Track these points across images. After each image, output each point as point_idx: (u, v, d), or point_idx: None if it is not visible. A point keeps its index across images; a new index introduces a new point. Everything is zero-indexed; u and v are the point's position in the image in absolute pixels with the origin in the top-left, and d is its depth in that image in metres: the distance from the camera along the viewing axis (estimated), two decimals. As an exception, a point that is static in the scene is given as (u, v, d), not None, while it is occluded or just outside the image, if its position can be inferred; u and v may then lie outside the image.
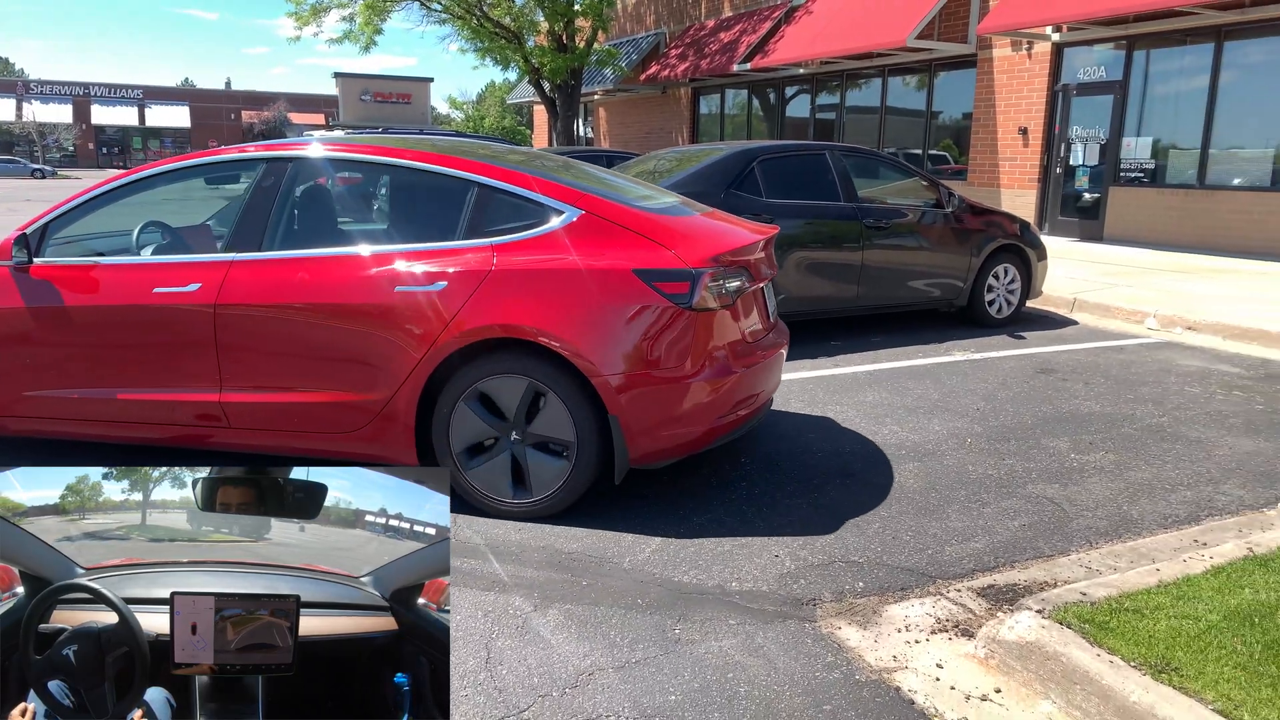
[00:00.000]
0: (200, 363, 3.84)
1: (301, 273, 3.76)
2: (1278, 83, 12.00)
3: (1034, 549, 3.54)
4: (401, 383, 3.65)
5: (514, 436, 3.66)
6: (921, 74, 17.38)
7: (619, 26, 26.70)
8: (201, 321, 3.79)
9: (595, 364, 3.51)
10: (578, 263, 3.59)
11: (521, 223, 3.73)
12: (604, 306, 3.56)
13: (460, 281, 3.59)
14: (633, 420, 3.56)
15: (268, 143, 4.28)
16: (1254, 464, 4.49)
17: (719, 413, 3.73)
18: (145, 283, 3.89)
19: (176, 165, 4.18)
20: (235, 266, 3.82)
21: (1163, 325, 8.04)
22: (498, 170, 3.87)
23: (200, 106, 68.19)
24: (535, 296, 3.55)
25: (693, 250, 3.68)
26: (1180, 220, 13.01)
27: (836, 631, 2.94)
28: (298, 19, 21.69)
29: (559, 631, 2.90)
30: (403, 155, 3.98)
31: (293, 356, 3.79)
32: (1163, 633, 2.68)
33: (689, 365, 3.62)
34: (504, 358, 3.61)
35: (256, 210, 3.92)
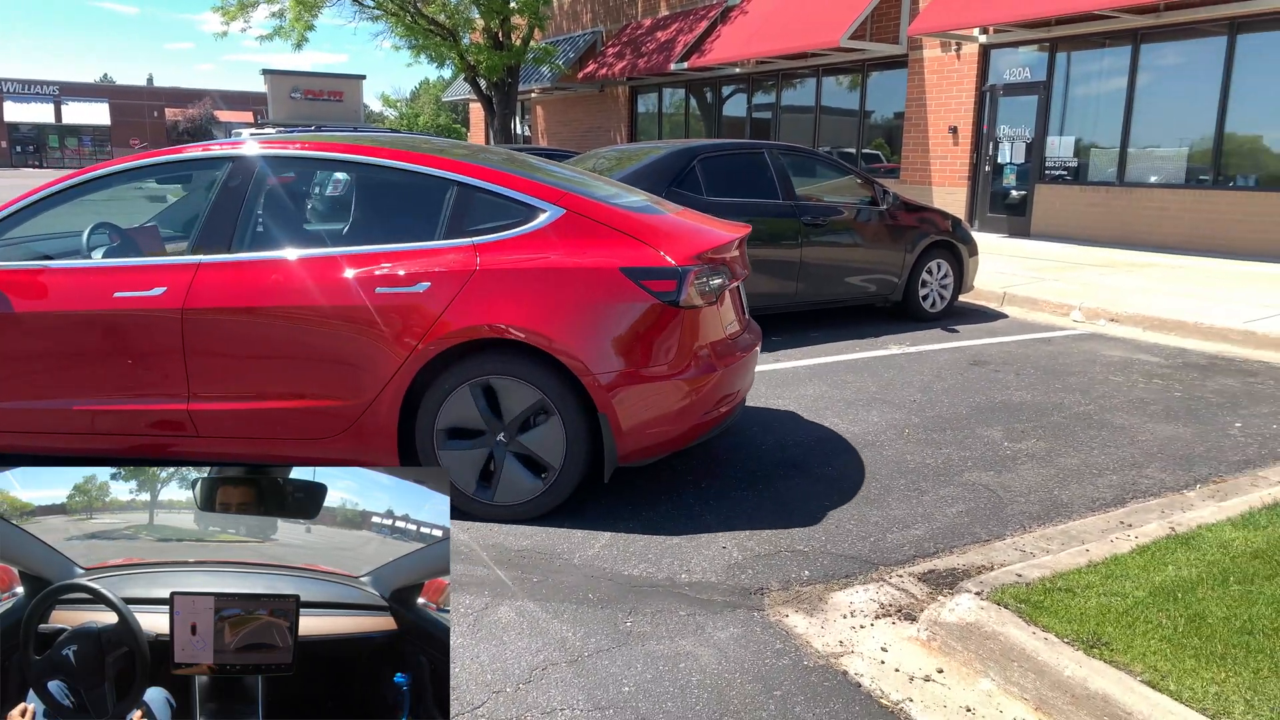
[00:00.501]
0: (166, 370, 3.70)
1: (275, 275, 3.64)
2: (1190, 84, 12.54)
3: (971, 534, 3.65)
4: (384, 386, 3.58)
5: (500, 438, 3.63)
6: (855, 74, 17.71)
7: (555, 24, 26.62)
8: (167, 327, 3.65)
9: (585, 363, 3.51)
10: (564, 261, 3.58)
11: (503, 222, 3.69)
12: (592, 305, 3.55)
13: (444, 282, 3.54)
14: (621, 419, 3.56)
15: (234, 140, 4.11)
16: (1174, 448, 4.70)
17: (703, 410, 3.76)
18: (104, 287, 3.71)
19: (134, 164, 4.01)
20: (203, 269, 3.68)
21: (1087, 317, 8.34)
22: (477, 169, 3.82)
23: (121, 103, 65.90)
24: (522, 296, 3.53)
25: (677, 248, 3.69)
26: (1102, 216, 13.51)
27: (784, 619, 3.00)
28: (224, 14, 21.11)
29: (511, 628, 2.90)
30: (378, 154, 3.89)
31: (267, 362, 3.68)
32: (1093, 610, 2.80)
33: (676, 363, 3.64)
34: (489, 359, 3.57)
35: (224, 210, 3.78)
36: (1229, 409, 5.44)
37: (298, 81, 49.26)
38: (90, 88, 68.51)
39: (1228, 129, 12.16)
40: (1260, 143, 12.04)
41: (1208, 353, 7.05)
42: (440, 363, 3.57)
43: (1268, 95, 11.76)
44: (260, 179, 3.84)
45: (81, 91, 66.33)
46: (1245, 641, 2.61)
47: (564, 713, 2.48)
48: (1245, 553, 3.18)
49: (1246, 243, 11.80)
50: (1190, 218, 12.46)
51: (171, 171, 4.25)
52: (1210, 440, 4.83)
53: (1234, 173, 12.23)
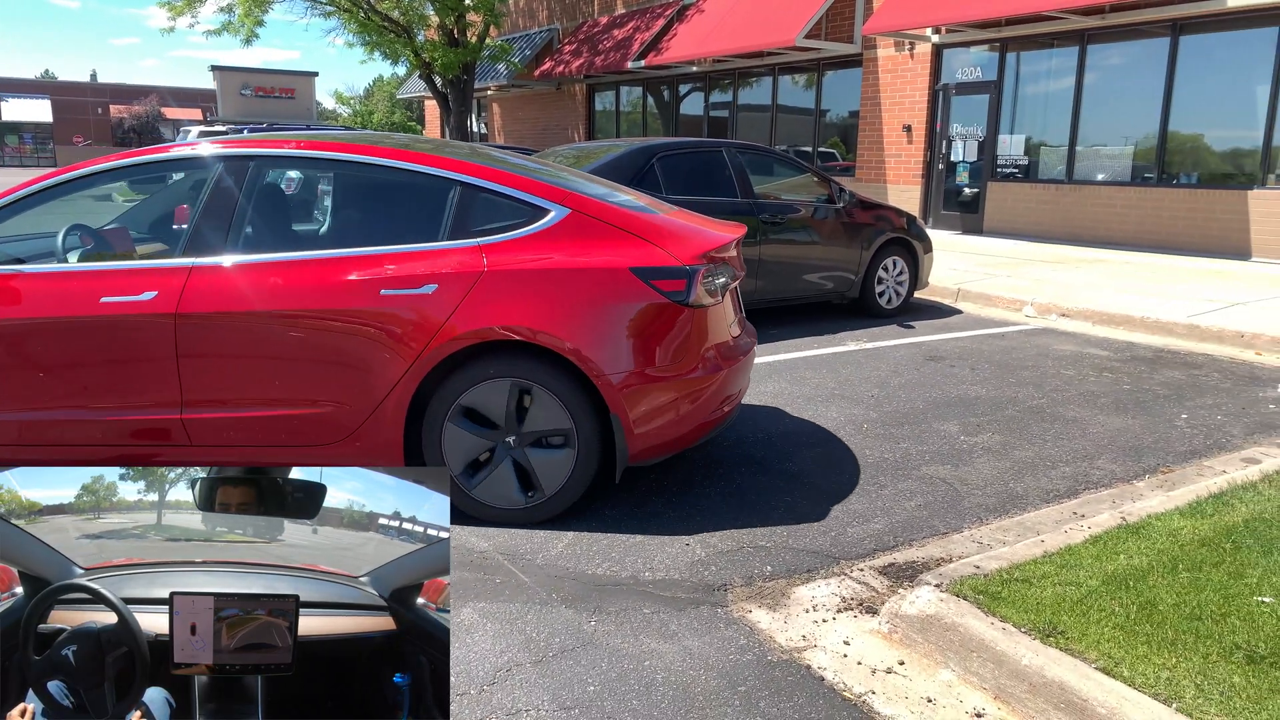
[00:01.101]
0: (157, 378, 3.54)
1: (274, 278, 3.53)
2: (1135, 85, 12.85)
3: (930, 527, 3.71)
4: (389, 390, 3.50)
5: (511, 441, 3.59)
6: (810, 73, 17.86)
7: (511, 22, 26.47)
8: (159, 333, 3.50)
9: (597, 363, 3.48)
10: (573, 262, 3.55)
11: (508, 222, 3.65)
12: (603, 305, 3.53)
13: (452, 283, 3.48)
14: (633, 418, 3.55)
15: (226, 139, 3.96)
16: (1123, 440, 4.82)
17: (710, 409, 3.77)
18: (89, 292, 3.54)
19: (119, 163, 3.85)
20: (196, 272, 3.53)
21: (1039, 313, 8.51)
22: (481, 169, 3.76)
23: (63, 100, 64.15)
24: (532, 297, 3.49)
25: (683, 247, 3.69)
26: (1052, 213, 13.79)
27: (747, 615, 3.02)
28: (171, 9, 20.67)
29: (474, 630, 2.88)
30: (378, 153, 3.79)
31: (265, 367, 3.55)
32: (1049, 600, 2.85)
33: (686, 362, 3.65)
34: (498, 361, 3.52)
35: (216, 212, 3.64)
36: (1175, 401, 5.58)
37: (248, 78, 48.39)
38: (31, 84, 66.63)
39: (1171, 128, 12.48)
40: (1201, 141, 12.38)
41: (1154, 346, 7.24)
42: (449, 366, 3.52)
43: (1209, 95, 12.10)
44: (255, 179, 3.72)
45: (22, 88, 64.46)
46: (1194, 627, 2.68)
47: (529, 714, 2.46)
48: (1193, 541, 3.26)
49: (1189, 239, 12.13)
50: (1136, 215, 12.77)
51: (158, 171, 4.04)
52: (1158, 431, 4.96)
53: (1177, 171, 12.56)
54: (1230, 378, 6.19)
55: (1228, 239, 11.78)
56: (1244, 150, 11.86)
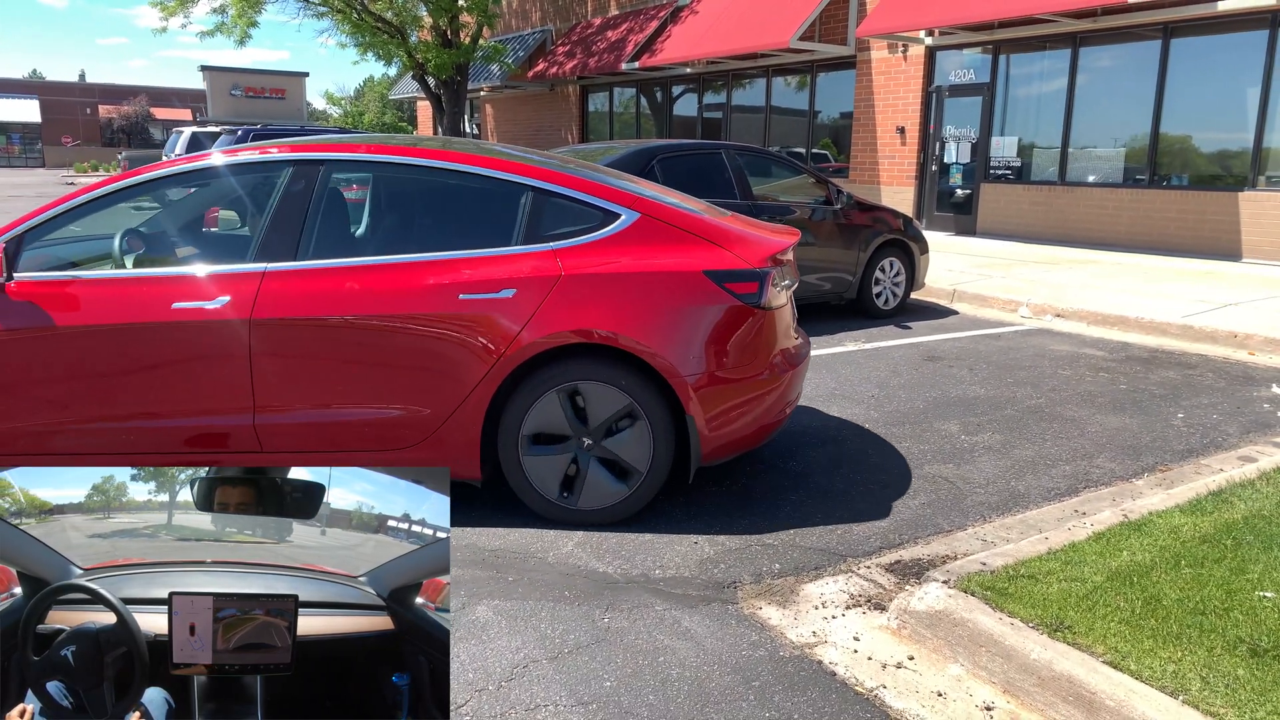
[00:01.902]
0: (229, 384, 3.52)
1: (350, 283, 3.52)
2: (1126, 87, 12.95)
3: (934, 525, 3.75)
4: (468, 393, 3.52)
5: (585, 443, 3.62)
6: (804, 74, 17.93)
7: (504, 23, 26.47)
8: (233, 339, 3.48)
9: (673, 365, 3.53)
10: (649, 265, 3.60)
11: (580, 227, 3.68)
12: (678, 308, 3.58)
13: (530, 287, 3.51)
14: (707, 419, 3.60)
15: (293, 142, 3.90)
16: (1122, 439, 4.88)
17: (777, 410, 3.84)
18: (160, 298, 3.50)
19: (185, 168, 3.79)
20: (269, 278, 3.52)
21: (1035, 313, 8.58)
22: (552, 173, 3.78)
23: (52, 100, 63.79)
24: (609, 301, 3.53)
25: (750, 251, 3.75)
26: (1045, 215, 13.88)
27: (758, 612, 3.06)
28: (163, 9, 20.58)
29: (490, 627, 2.91)
30: (451, 158, 3.80)
31: (340, 373, 3.54)
32: (1055, 595, 2.90)
33: (757, 363, 3.71)
34: (574, 364, 3.56)
35: (287, 216, 3.62)
36: (1171, 400, 5.65)
37: (238, 78, 48.23)
38: (19, 84, 66.24)
39: (1162, 130, 12.59)
40: (1192, 143, 12.49)
41: (1149, 346, 7.31)
42: (525, 369, 3.54)
43: (1200, 97, 12.20)
44: (325, 183, 3.70)
45: (9, 88, 64.07)
46: (1199, 622, 2.73)
47: (547, 709, 2.50)
48: (1194, 537, 3.32)
49: (1181, 240, 12.23)
50: (1128, 216, 12.87)
51: (229, 176, 3.95)
52: (1155, 430, 5.02)
53: (1168, 172, 12.66)
54: (1225, 378, 6.27)
55: (1219, 240, 11.89)
56: (1234, 152, 11.97)
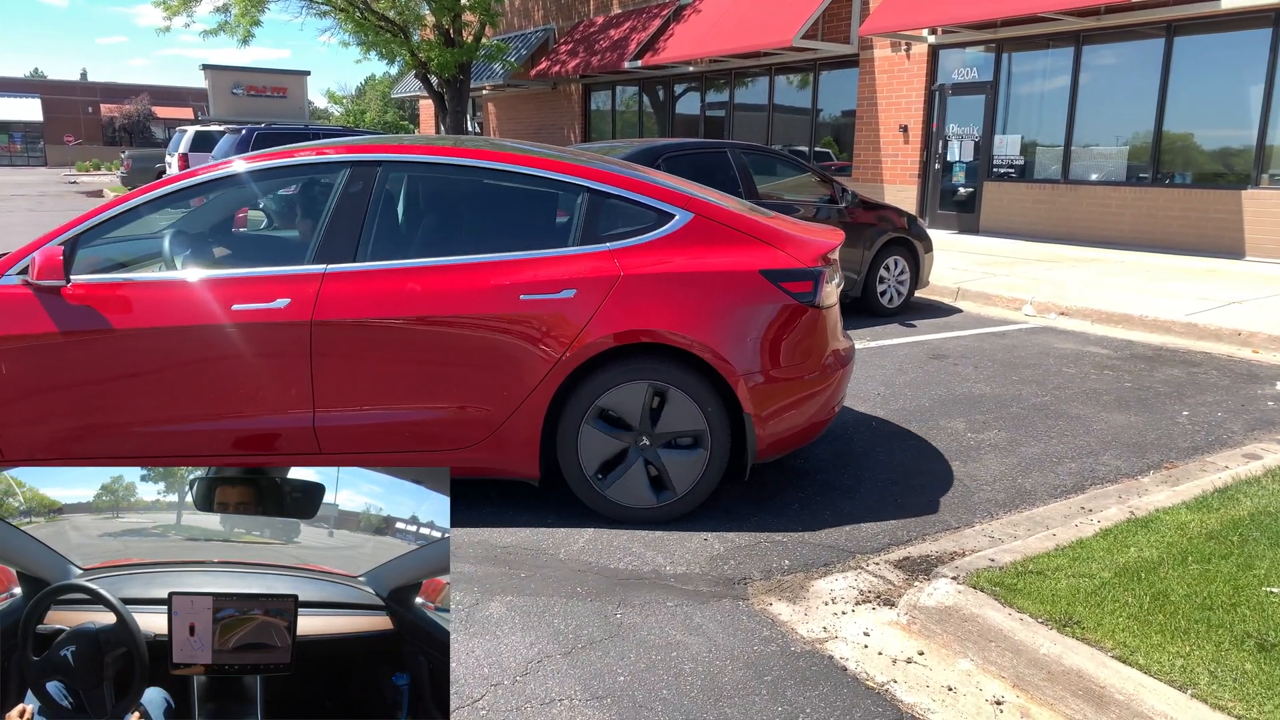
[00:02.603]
0: (290, 385, 3.52)
1: (411, 284, 3.53)
2: (1130, 85, 12.96)
3: (942, 522, 3.78)
4: (529, 393, 3.54)
5: (645, 442, 3.65)
6: (806, 73, 17.95)
7: (507, 21, 26.48)
8: (294, 340, 3.47)
9: (732, 364, 3.57)
10: (706, 265, 3.63)
11: (635, 227, 3.72)
12: (736, 308, 3.62)
13: (591, 288, 3.54)
14: (763, 416, 3.65)
15: (349, 143, 3.89)
16: (1127, 436, 4.90)
17: (828, 408, 3.90)
18: (219, 300, 3.49)
19: (242, 169, 3.78)
20: (330, 279, 3.52)
21: (1039, 311, 8.60)
22: (607, 175, 3.81)
23: (53, 99, 63.87)
24: (668, 300, 3.56)
25: (802, 250, 3.79)
26: (1048, 213, 13.90)
27: (768, 607, 3.09)
28: (166, 8, 20.61)
29: (504, 623, 2.94)
30: (506, 159, 3.83)
31: (401, 373, 3.55)
32: (1064, 591, 2.93)
33: (811, 362, 3.76)
34: (633, 364, 3.58)
35: (345, 217, 3.62)
36: (1176, 398, 5.67)
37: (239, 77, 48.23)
38: (21, 83, 66.31)
39: (1165, 128, 12.60)
40: (1196, 141, 12.50)
41: (1153, 344, 7.33)
42: (585, 369, 3.57)
43: (1203, 96, 12.22)
44: (383, 184, 3.71)
45: (11, 87, 64.15)
46: (1206, 617, 2.76)
47: (562, 703, 2.52)
48: (1201, 534, 3.35)
49: (1184, 238, 12.25)
50: (1131, 214, 12.89)
51: (286, 176, 3.95)
52: (1161, 428, 5.05)
53: (1171, 170, 12.67)
54: (1229, 375, 6.29)
55: (1222, 238, 11.91)
56: (1238, 150, 11.98)
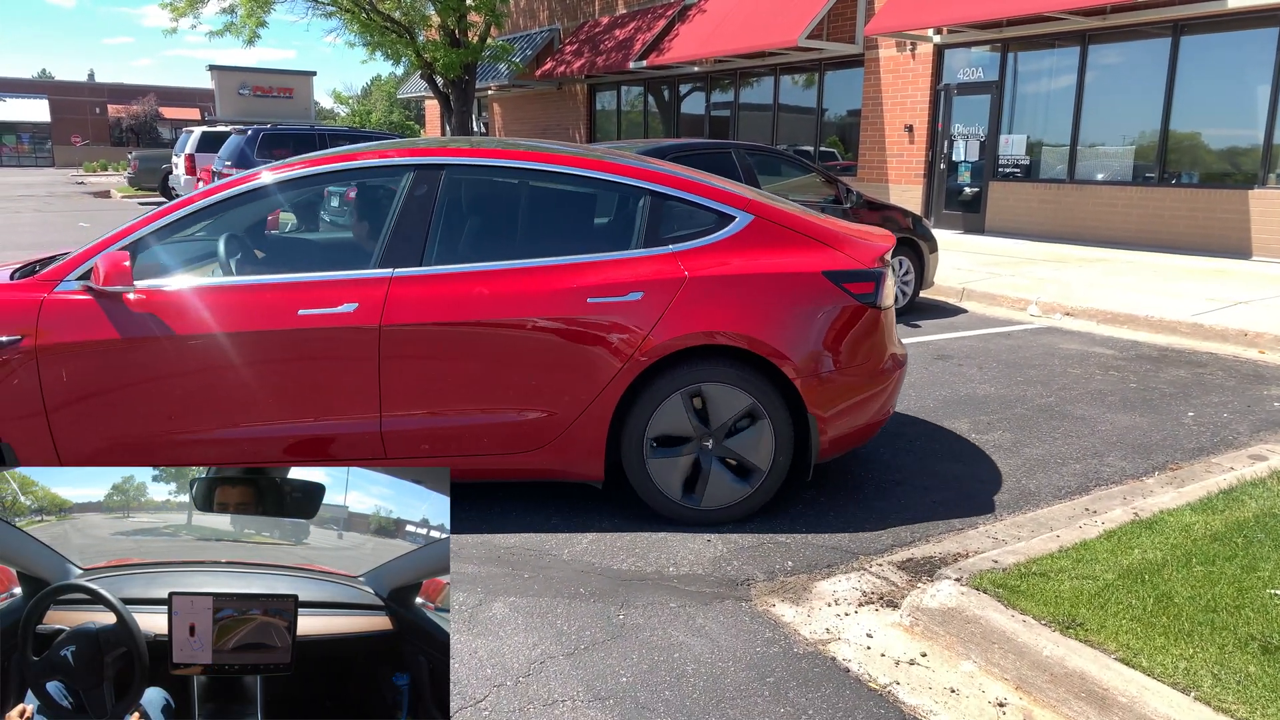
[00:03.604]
0: (355, 390, 3.50)
1: (478, 287, 3.54)
2: (1136, 85, 12.92)
3: (945, 523, 3.78)
4: (596, 396, 3.55)
5: (707, 444, 3.67)
6: (812, 73, 17.93)
7: (512, 22, 26.50)
8: (362, 345, 3.46)
9: (796, 364, 3.59)
10: (770, 266, 3.65)
11: (697, 229, 3.74)
12: (801, 309, 3.64)
13: (657, 290, 3.55)
14: (826, 417, 3.67)
15: (410, 146, 3.89)
16: (1132, 437, 4.89)
17: (885, 409, 3.93)
18: (284, 304, 3.46)
19: (302, 173, 3.75)
20: (397, 283, 3.51)
21: (1044, 312, 8.58)
22: (669, 177, 3.83)
23: (61, 100, 64.09)
24: (733, 302, 3.58)
25: (860, 252, 3.81)
26: (1053, 213, 13.86)
27: (771, 609, 3.09)
28: (173, 9, 20.68)
29: (506, 623, 2.95)
30: (569, 162, 3.85)
31: (469, 377, 3.54)
32: (1067, 593, 2.92)
33: (872, 362, 3.79)
34: (698, 366, 3.60)
35: (411, 221, 3.61)
36: (1181, 399, 5.66)
37: (246, 78, 48.31)
38: (29, 83, 66.57)
39: (1172, 128, 12.56)
40: (1202, 141, 12.46)
41: (1159, 345, 7.31)
42: (652, 371, 3.58)
43: (1209, 95, 12.17)
44: (447, 187, 3.70)
45: (19, 87, 64.40)
46: (1210, 619, 2.75)
47: (565, 704, 2.53)
48: (1205, 536, 3.34)
49: (1190, 238, 12.21)
50: (1137, 214, 12.85)
51: (347, 179, 3.91)
52: (1166, 429, 5.03)
53: (1178, 170, 12.63)
54: (1235, 376, 6.27)
55: (1228, 238, 11.87)
56: (1244, 150, 11.94)
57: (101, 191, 29.14)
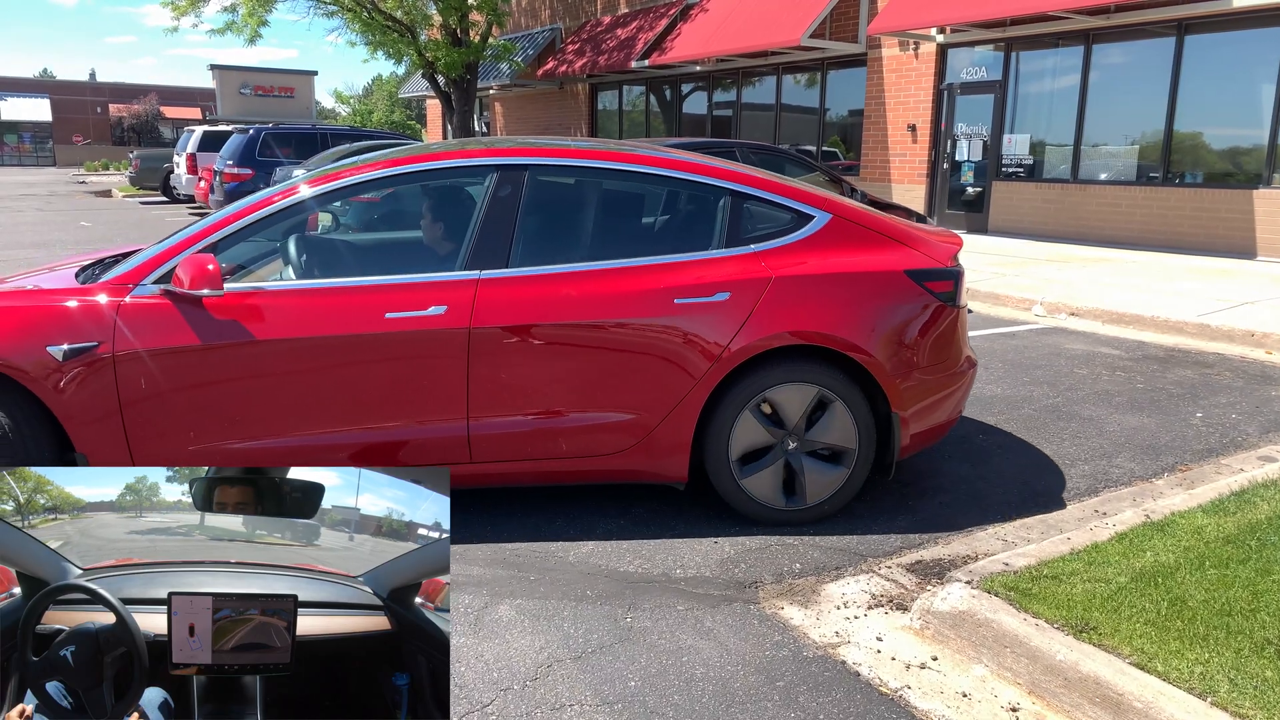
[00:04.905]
0: (444, 393, 3.45)
1: (564, 289, 3.50)
2: (1140, 84, 12.88)
3: (954, 525, 3.74)
4: (683, 397, 3.53)
5: (790, 445, 3.65)
6: (814, 72, 17.89)
7: (514, 21, 26.48)
8: (451, 348, 3.41)
9: (881, 363, 3.60)
10: (853, 265, 3.66)
11: (776, 228, 3.73)
12: (885, 308, 3.66)
13: (743, 290, 3.54)
14: (908, 416, 3.69)
15: (493, 146, 3.84)
16: (1140, 438, 4.85)
17: (959, 407, 3.95)
18: (371, 308, 3.39)
19: (385, 173, 3.70)
20: (484, 284, 3.46)
21: (1049, 312, 8.55)
22: (748, 177, 3.81)
23: (62, 99, 64.07)
24: (820, 302, 3.58)
25: (935, 250, 3.83)
26: (1057, 213, 13.83)
27: (780, 611, 3.05)
28: (174, 8, 20.64)
29: (513, 626, 2.92)
30: (651, 162, 3.82)
31: (554, 380, 3.50)
32: (1080, 596, 2.89)
33: (950, 361, 3.81)
34: (786, 365, 3.58)
35: (496, 222, 3.57)
36: (1189, 399, 5.62)
37: (247, 77, 48.30)
38: (30, 83, 66.59)
39: (1176, 127, 12.52)
40: (1206, 141, 12.42)
41: (1165, 345, 7.28)
42: (739, 372, 3.56)
43: (1214, 95, 12.13)
44: (530, 188, 3.65)
45: (21, 87, 64.41)
46: (1225, 623, 2.72)
47: (573, 708, 2.50)
48: (1218, 538, 3.30)
49: (1195, 238, 12.17)
50: (1142, 214, 12.81)
51: (430, 180, 3.89)
52: (1174, 430, 5.00)
53: (1182, 170, 12.59)
54: (1242, 377, 6.23)
55: (1233, 238, 11.83)
56: (1249, 150, 11.90)
57: (103, 191, 29.12)
